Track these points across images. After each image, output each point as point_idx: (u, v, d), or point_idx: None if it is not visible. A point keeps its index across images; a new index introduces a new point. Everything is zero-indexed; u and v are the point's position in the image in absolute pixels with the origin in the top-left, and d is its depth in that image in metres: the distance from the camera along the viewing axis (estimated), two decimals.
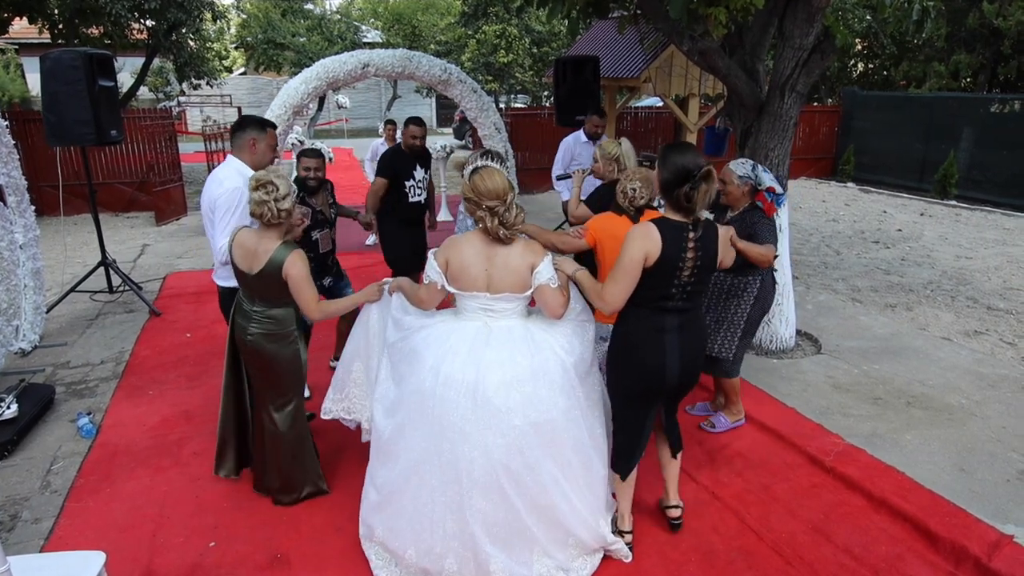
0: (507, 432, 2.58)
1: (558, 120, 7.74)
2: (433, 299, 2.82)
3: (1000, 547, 2.95)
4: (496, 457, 2.58)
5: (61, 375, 4.84)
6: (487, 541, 2.63)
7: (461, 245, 2.74)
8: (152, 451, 3.83)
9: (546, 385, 2.65)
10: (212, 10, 12.53)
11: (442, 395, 2.61)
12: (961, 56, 14.01)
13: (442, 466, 2.63)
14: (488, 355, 2.63)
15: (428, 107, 27.64)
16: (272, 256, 2.95)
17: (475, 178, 2.68)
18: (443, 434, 2.62)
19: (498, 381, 2.59)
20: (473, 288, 2.72)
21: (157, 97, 21.91)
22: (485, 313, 2.75)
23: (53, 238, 8.05)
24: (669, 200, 2.67)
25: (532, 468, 2.62)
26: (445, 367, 2.64)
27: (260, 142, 3.44)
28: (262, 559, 2.98)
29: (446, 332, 2.76)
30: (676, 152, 2.66)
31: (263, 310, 3.10)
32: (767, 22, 4.94)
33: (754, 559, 2.97)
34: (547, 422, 2.63)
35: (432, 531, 2.67)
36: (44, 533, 3.13)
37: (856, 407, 4.27)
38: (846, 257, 8.12)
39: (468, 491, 2.60)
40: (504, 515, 2.64)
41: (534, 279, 2.70)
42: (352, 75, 7.04)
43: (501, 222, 2.64)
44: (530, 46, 18.19)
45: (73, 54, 5.61)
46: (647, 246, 2.58)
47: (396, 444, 2.79)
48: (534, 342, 2.71)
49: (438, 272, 2.75)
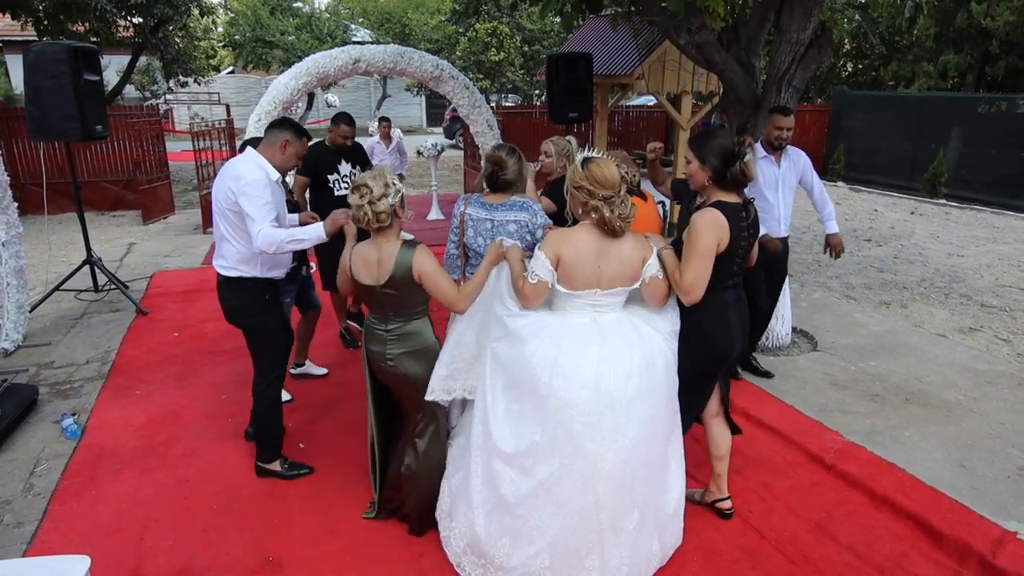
0: (630, 424, 2.55)
1: (551, 118, 7.68)
2: (540, 298, 2.67)
3: (1004, 544, 2.91)
4: (624, 450, 2.54)
5: (45, 375, 4.72)
6: (612, 535, 2.59)
7: (574, 240, 2.61)
8: (139, 452, 3.74)
9: (657, 376, 2.63)
10: (200, 6, 12.36)
11: (558, 389, 2.52)
12: (949, 56, 14.10)
13: (571, 465, 2.53)
14: (606, 348, 2.57)
15: (418, 106, 27.55)
16: (398, 259, 2.74)
17: (591, 167, 2.59)
18: (567, 433, 2.52)
19: (618, 374, 2.53)
20: (585, 286, 2.61)
21: (144, 95, 21.67)
22: (593, 309, 2.67)
23: (37, 237, 7.90)
24: (722, 184, 2.78)
25: (652, 461, 2.63)
26: (561, 361, 2.54)
27: (291, 147, 3.35)
28: (253, 562, 2.90)
29: (556, 331, 2.63)
30: (711, 139, 2.81)
31: (400, 326, 2.88)
32: (764, 17, 4.91)
33: (757, 558, 2.93)
34: (659, 413, 2.64)
35: (562, 530, 2.58)
36: (27, 537, 3.04)
37: (854, 404, 4.24)
38: None
39: (598, 486, 2.53)
40: (623, 512, 2.60)
41: (645, 271, 2.66)
42: (343, 71, 6.96)
43: (619, 214, 2.56)
44: (521, 44, 18.16)
45: (58, 47, 5.48)
46: (719, 233, 2.69)
47: (521, 452, 2.60)
48: (641, 334, 2.67)
49: (549, 270, 2.60)
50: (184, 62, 13.28)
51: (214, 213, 3.35)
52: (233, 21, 21.39)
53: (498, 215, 3.12)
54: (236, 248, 3.31)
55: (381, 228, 2.75)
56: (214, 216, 3.36)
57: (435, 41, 20.91)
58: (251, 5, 21.31)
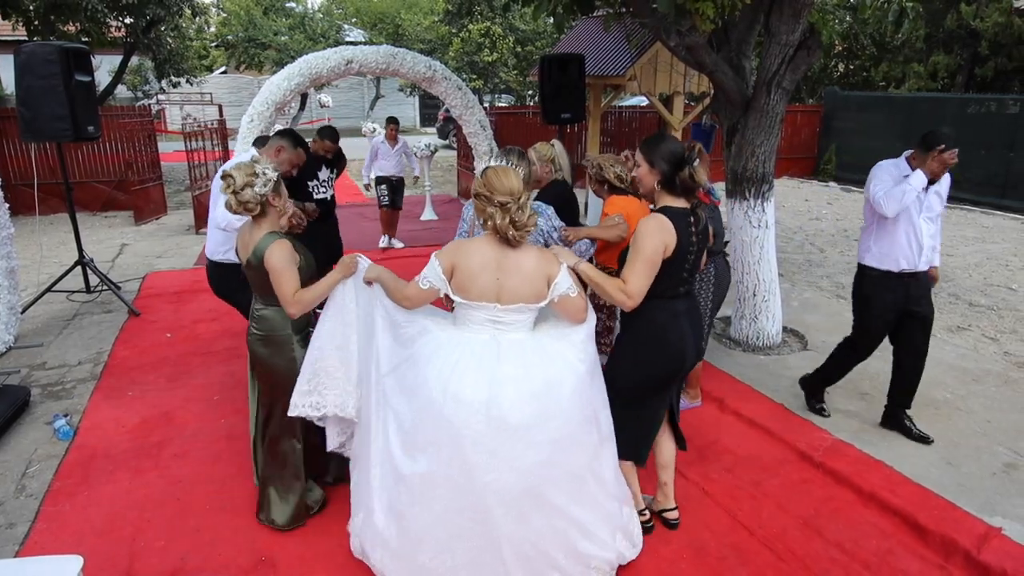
0: (527, 451, 2.44)
1: (544, 119, 7.71)
2: (422, 301, 2.63)
3: (988, 539, 2.96)
4: (518, 478, 2.43)
5: (37, 376, 4.72)
6: (516, 566, 2.49)
7: (470, 249, 2.54)
8: (131, 453, 3.74)
9: (562, 398, 2.50)
10: (192, 6, 12.33)
11: (451, 414, 2.43)
12: (939, 57, 14.21)
13: (459, 488, 2.46)
14: (501, 370, 2.46)
15: (411, 106, 27.54)
16: (257, 245, 2.83)
17: (488, 173, 2.53)
18: (458, 456, 2.44)
19: (513, 398, 2.42)
20: (482, 298, 2.50)
21: (135, 96, 21.58)
22: (493, 325, 2.54)
23: (28, 238, 7.87)
24: (671, 189, 2.72)
25: (555, 486, 2.50)
26: (453, 385, 2.45)
27: (285, 152, 3.89)
28: (246, 562, 2.91)
29: (450, 345, 2.55)
30: (660, 143, 2.75)
31: (259, 308, 2.98)
32: (753, 19, 4.94)
33: (746, 555, 2.96)
34: (566, 436, 2.51)
35: (444, 557, 2.51)
36: (19, 538, 3.04)
37: (843, 402, 4.28)
38: (830, 255, 8.17)
39: (492, 515, 2.45)
40: (529, 539, 2.49)
41: (552, 290, 2.54)
42: (336, 71, 6.96)
43: (512, 221, 2.44)
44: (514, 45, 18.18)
45: (49, 47, 5.48)
46: (665, 237, 2.61)
47: (411, 466, 2.55)
48: (547, 355, 2.55)
49: (441, 278, 2.52)
50: (176, 62, 13.24)
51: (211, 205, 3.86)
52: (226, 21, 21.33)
53: None
54: (216, 234, 3.88)
55: (255, 216, 2.86)
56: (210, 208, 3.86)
57: (428, 42, 20.90)
58: (244, 5, 21.27)
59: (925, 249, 3.74)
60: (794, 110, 14.56)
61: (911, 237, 3.72)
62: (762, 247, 5.05)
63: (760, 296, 5.09)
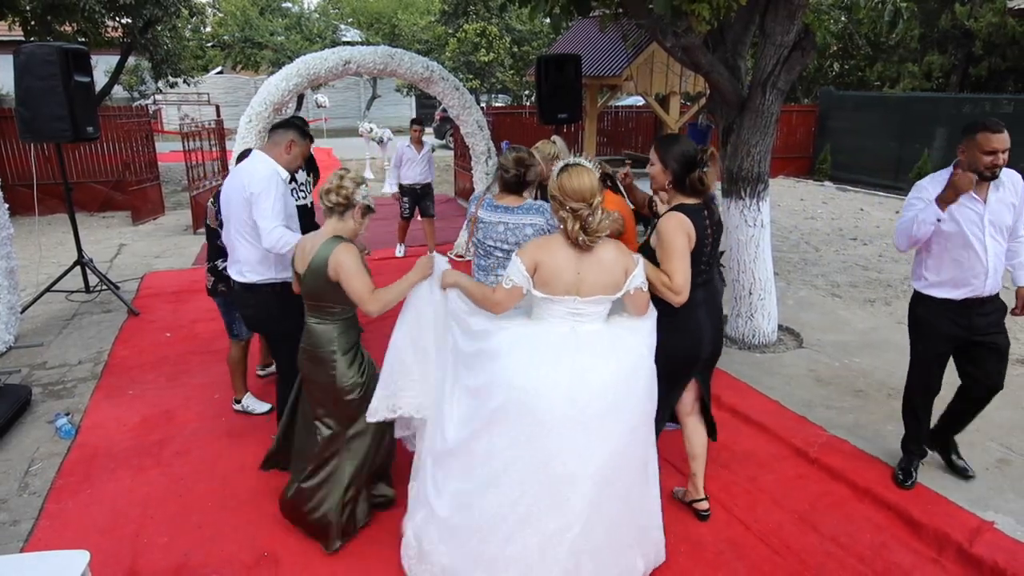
0: (604, 440, 2.49)
1: (540, 118, 7.74)
2: (512, 303, 2.61)
3: (981, 533, 3.01)
4: (595, 465, 2.48)
5: (38, 376, 4.74)
6: (586, 554, 2.53)
7: (552, 246, 2.56)
8: (133, 451, 3.77)
9: (636, 389, 2.58)
10: (189, 7, 12.33)
11: (534, 404, 2.46)
12: (934, 57, 14.27)
13: (538, 476, 2.48)
14: (580, 361, 2.50)
15: (408, 106, 27.53)
16: (319, 250, 2.75)
17: (563, 175, 2.53)
18: (539, 444, 2.46)
19: (593, 387, 2.48)
20: (564, 292, 2.54)
21: (132, 96, 21.55)
22: (573, 317, 2.58)
23: (27, 238, 7.87)
24: (681, 188, 2.87)
25: (624, 474, 2.57)
26: (535, 375, 2.48)
27: (297, 146, 3.42)
28: (248, 558, 2.94)
29: (529, 337, 2.58)
30: (673, 145, 2.91)
31: (313, 323, 2.91)
32: (748, 20, 4.99)
33: (742, 550, 3.00)
34: (634, 427, 2.58)
35: (525, 546, 2.52)
36: (23, 535, 3.07)
37: (838, 399, 4.32)
38: (825, 254, 8.22)
39: (568, 503, 2.47)
40: (602, 524, 2.54)
41: (629, 282, 2.59)
42: (333, 72, 6.99)
43: (583, 226, 2.47)
44: (511, 45, 18.21)
45: (48, 48, 5.50)
46: (687, 230, 2.78)
47: (487, 463, 2.56)
48: (623, 346, 2.61)
49: (525, 276, 2.54)
50: (173, 63, 13.23)
51: (224, 218, 3.39)
52: (222, 21, 21.32)
53: (513, 218, 3.09)
54: (249, 250, 3.36)
55: (331, 212, 2.82)
56: (224, 222, 3.40)
57: (425, 42, 20.94)
58: (240, 5, 21.26)
59: (990, 272, 3.11)
60: (789, 110, 14.62)
61: (972, 259, 3.10)
62: (758, 246, 5.09)
63: (756, 294, 5.13)
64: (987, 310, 3.17)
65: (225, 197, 3.39)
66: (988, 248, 3.08)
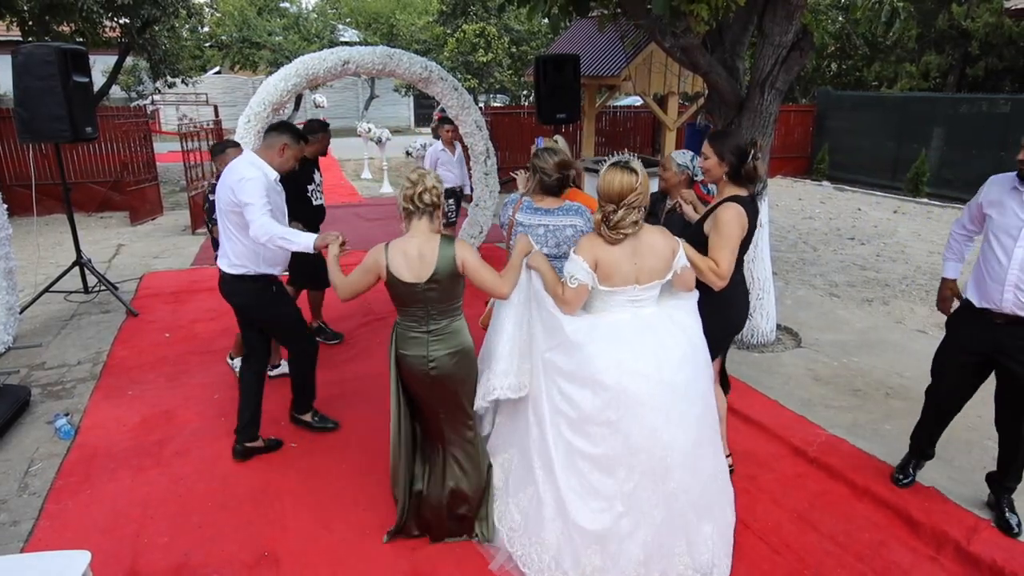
0: (691, 407, 2.68)
1: (539, 119, 7.75)
2: (581, 301, 2.73)
3: (978, 531, 3.02)
4: (687, 431, 2.66)
5: (36, 376, 4.74)
6: (694, 520, 2.71)
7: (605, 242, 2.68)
8: (133, 452, 3.77)
9: (699, 358, 2.78)
10: (187, 7, 12.31)
11: (629, 385, 2.60)
12: (931, 57, 14.31)
13: (641, 452, 2.62)
14: (653, 340, 2.68)
15: (406, 106, 27.51)
16: (441, 253, 2.72)
17: (602, 175, 2.67)
18: (639, 422, 2.60)
19: (675, 361, 2.66)
20: (624, 283, 2.68)
21: (130, 96, 21.51)
22: (632, 305, 2.74)
23: (24, 239, 7.86)
24: (736, 179, 3.07)
25: (707, 438, 2.77)
26: (625, 359, 2.62)
27: (290, 150, 3.53)
28: (248, 558, 2.94)
29: (603, 327, 2.71)
30: (727, 138, 3.13)
31: (443, 325, 2.82)
32: (747, 20, 5.00)
33: (742, 548, 3.00)
34: (708, 392, 2.80)
35: (656, 526, 2.66)
36: (23, 535, 3.07)
37: (837, 399, 4.34)
38: (823, 253, 8.24)
39: (672, 471, 2.63)
40: (701, 491, 2.71)
41: (676, 263, 2.75)
42: (332, 72, 6.98)
43: (605, 219, 2.64)
44: (509, 45, 18.21)
45: (47, 49, 5.49)
46: (743, 222, 2.97)
47: (588, 441, 2.68)
48: (680, 325, 2.79)
49: (588, 272, 2.65)
50: (171, 63, 13.20)
51: (218, 214, 3.53)
52: (220, 22, 21.29)
53: (553, 220, 3.09)
54: (238, 245, 3.49)
55: (421, 213, 2.74)
56: (220, 219, 3.52)
57: (423, 42, 20.92)
58: (238, 5, 21.23)
59: (1008, 285, 2.83)
60: (787, 110, 14.65)
61: (994, 264, 2.88)
62: (756, 246, 5.10)
63: (755, 294, 5.15)
64: (1017, 327, 2.88)
65: (217, 195, 3.54)
66: (1015, 258, 2.80)
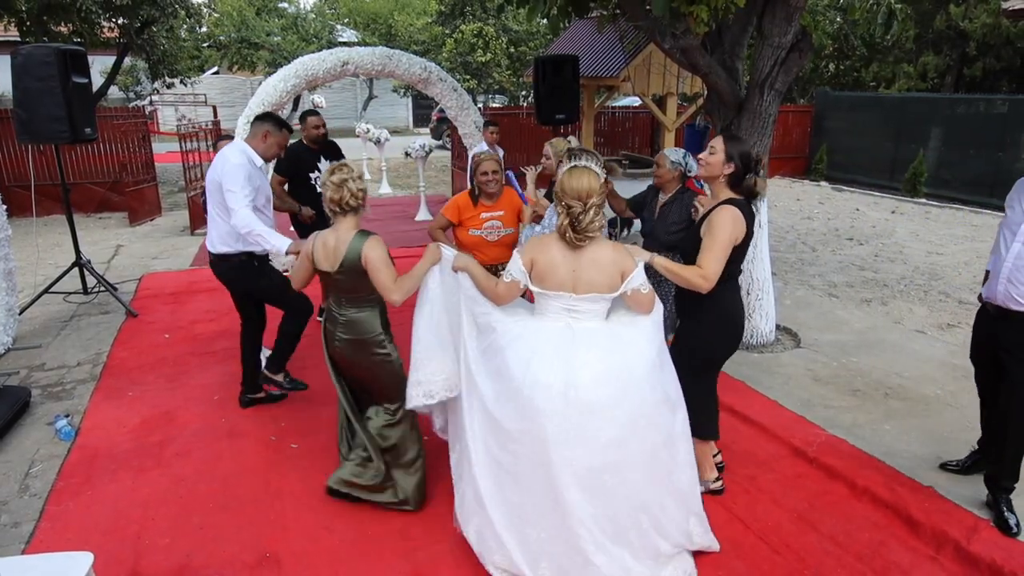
0: (604, 427, 2.55)
1: (538, 119, 7.76)
2: (512, 297, 2.77)
3: (978, 531, 3.03)
4: (595, 453, 2.55)
5: (36, 377, 4.73)
6: (591, 542, 2.58)
7: (547, 244, 2.70)
8: (133, 453, 3.77)
9: (635, 380, 2.63)
10: (186, 7, 12.30)
11: (531, 394, 2.56)
12: (929, 57, 14.35)
13: (541, 465, 2.58)
14: (576, 355, 2.60)
15: (405, 107, 27.51)
16: (350, 246, 2.92)
17: (565, 174, 2.65)
18: (539, 433, 2.56)
19: (589, 379, 2.56)
20: (559, 288, 2.67)
21: (128, 96, 21.49)
22: (568, 314, 2.70)
23: (23, 239, 7.85)
24: (735, 186, 3.01)
25: (631, 464, 2.61)
26: (533, 367, 2.59)
27: (272, 136, 3.86)
28: (250, 559, 2.95)
29: (528, 332, 2.71)
30: (742, 143, 3.09)
31: (351, 312, 3.06)
32: (746, 21, 5.01)
33: (741, 549, 3.01)
34: (641, 416, 2.63)
35: (530, 531, 2.65)
36: (24, 537, 3.07)
37: (836, 399, 4.35)
38: (822, 254, 8.26)
39: (568, 492, 2.55)
40: (607, 515, 2.60)
41: (627, 284, 2.68)
42: (331, 73, 7.00)
43: (572, 224, 2.59)
44: (507, 46, 18.22)
45: (46, 50, 5.49)
46: (740, 228, 2.91)
47: (501, 446, 2.71)
48: (620, 341, 2.69)
49: (522, 271, 2.71)
50: (170, 63, 13.19)
51: (208, 201, 3.84)
52: (218, 22, 21.27)
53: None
54: (223, 226, 3.81)
55: (346, 212, 2.95)
56: (208, 203, 3.84)
57: (421, 43, 20.93)
58: (236, 6, 21.22)
59: (1001, 277, 2.91)
60: (786, 110, 14.66)
61: (999, 260, 2.98)
62: (755, 246, 5.11)
63: (754, 295, 5.16)
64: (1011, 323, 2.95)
65: (207, 178, 3.88)
66: (1011, 251, 2.90)
